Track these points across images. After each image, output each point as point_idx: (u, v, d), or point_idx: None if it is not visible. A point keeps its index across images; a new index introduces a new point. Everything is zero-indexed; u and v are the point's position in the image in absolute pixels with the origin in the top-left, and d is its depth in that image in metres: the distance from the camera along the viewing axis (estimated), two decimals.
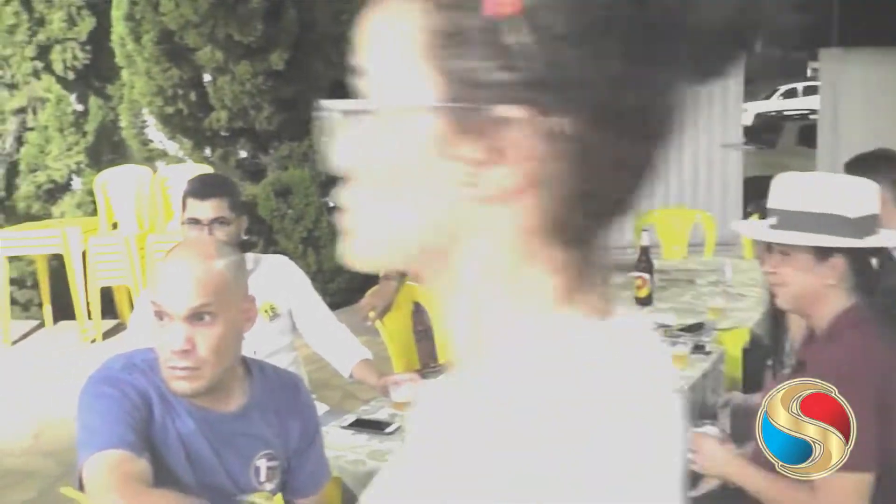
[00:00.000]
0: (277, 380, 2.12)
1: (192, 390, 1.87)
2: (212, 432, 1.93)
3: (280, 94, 7.09)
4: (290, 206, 7.13)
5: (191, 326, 1.83)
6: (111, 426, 1.79)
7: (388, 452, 2.65)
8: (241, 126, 7.31)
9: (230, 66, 6.90)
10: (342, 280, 7.05)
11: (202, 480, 1.90)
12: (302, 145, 7.32)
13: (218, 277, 1.86)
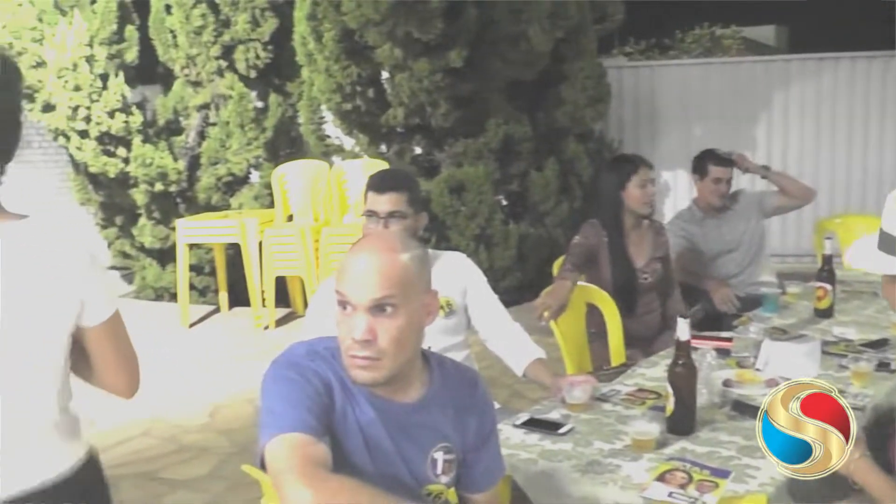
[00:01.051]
0: (456, 375, 2.10)
1: (371, 380, 1.86)
2: (391, 422, 1.92)
3: (456, 92, 7.11)
4: (463, 202, 7.14)
5: (373, 317, 1.83)
6: (293, 410, 1.80)
7: (560, 453, 2.60)
8: (417, 123, 7.37)
9: (408, 64, 6.96)
10: (513, 278, 7.03)
11: (379, 469, 1.90)
12: (477, 142, 7.32)
13: (402, 270, 1.86)
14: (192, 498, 4.46)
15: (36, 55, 8.22)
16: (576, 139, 7.95)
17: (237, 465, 4.74)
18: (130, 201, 8.48)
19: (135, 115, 8.17)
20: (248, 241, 7.32)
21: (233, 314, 8.04)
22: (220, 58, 8.19)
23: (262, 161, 8.26)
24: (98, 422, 5.57)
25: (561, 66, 7.70)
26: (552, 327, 3.97)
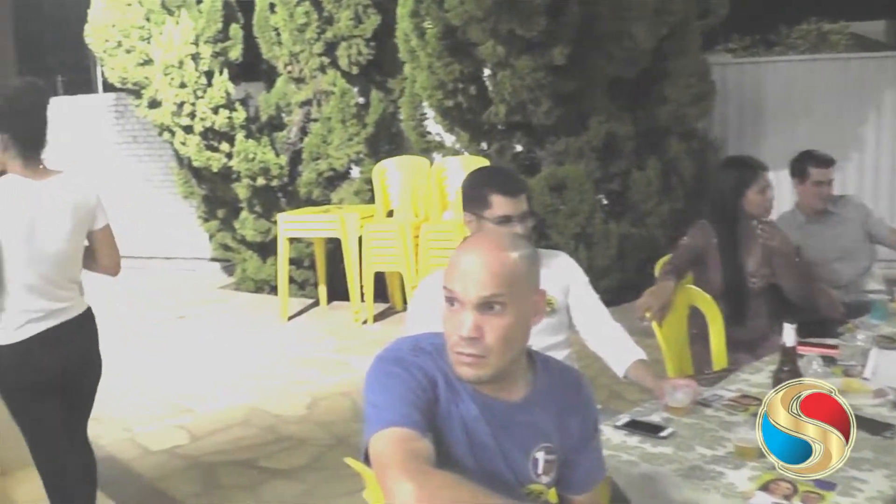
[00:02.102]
0: (560, 374, 2.08)
1: (476, 377, 1.86)
2: (494, 420, 1.92)
3: (559, 89, 7.05)
4: (563, 201, 7.09)
5: (480, 315, 1.83)
6: (398, 404, 1.80)
7: (661, 457, 2.56)
8: (519, 120, 7.34)
9: (511, 61, 6.93)
10: (612, 279, 6.96)
11: (481, 466, 1.89)
12: (578, 140, 7.26)
13: (511, 269, 1.85)
14: (289, 487, 4.52)
15: (143, 53, 8.44)
16: (678, 138, 7.82)
17: (334, 457, 4.80)
18: (232, 195, 8.63)
19: (238, 111, 8.32)
20: (348, 235, 7.38)
21: (331, 308, 8.12)
22: (323, 54, 8.27)
23: (362, 157, 8.33)
24: (197, 409, 5.71)
25: (664, 62, 7.58)
26: (654, 329, 3.92)
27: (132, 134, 11.79)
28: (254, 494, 4.47)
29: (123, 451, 5.12)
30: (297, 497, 4.38)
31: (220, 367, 6.61)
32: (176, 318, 8.28)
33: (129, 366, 6.80)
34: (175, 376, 6.46)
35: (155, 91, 8.42)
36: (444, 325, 1.88)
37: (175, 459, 4.95)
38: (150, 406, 5.83)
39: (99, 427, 5.49)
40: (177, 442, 5.20)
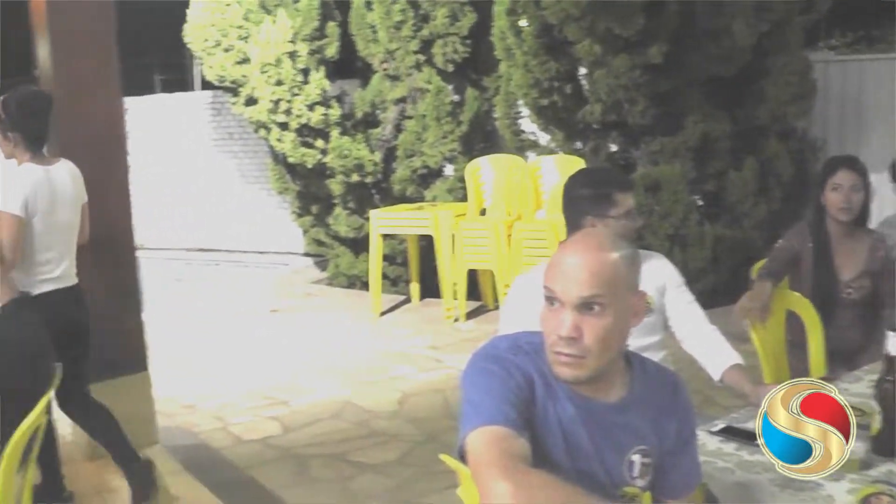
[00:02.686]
0: (658, 377, 2.06)
1: (574, 377, 1.85)
2: (590, 421, 1.90)
3: (655, 88, 6.97)
4: (658, 202, 7.01)
5: (579, 315, 1.82)
6: (495, 403, 1.80)
7: (757, 465, 2.51)
8: (614, 119, 7.27)
9: (607, 60, 6.87)
10: (707, 281, 6.86)
11: (577, 467, 1.88)
12: (674, 140, 7.16)
13: (611, 269, 1.83)
14: (380, 482, 4.55)
15: (241, 52, 8.58)
16: (776, 138, 7.66)
17: (425, 453, 4.82)
18: (327, 191, 8.72)
19: (333, 108, 8.41)
20: (442, 233, 7.40)
21: (423, 305, 8.15)
22: (419, 52, 8.31)
23: (456, 154, 8.34)
24: (290, 401, 5.78)
25: (763, 60, 7.43)
26: (751, 333, 3.84)
27: (228, 131, 12.00)
28: (343, 488, 4.51)
29: (216, 440, 5.21)
30: (386, 492, 4.41)
31: (313, 361, 6.68)
32: (269, 312, 8.39)
33: (222, 358, 6.93)
34: (268, 369, 6.55)
35: (252, 89, 8.55)
36: (542, 324, 1.88)
37: (267, 450, 5.02)
38: (243, 397, 5.93)
39: (193, 415, 5.63)
40: (269, 433, 5.27)
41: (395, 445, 4.99)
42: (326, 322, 7.84)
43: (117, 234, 4.77)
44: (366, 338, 7.24)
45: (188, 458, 4.71)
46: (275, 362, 6.71)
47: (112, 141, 4.76)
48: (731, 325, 3.72)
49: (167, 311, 8.72)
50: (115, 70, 4.76)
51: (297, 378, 6.28)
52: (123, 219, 4.80)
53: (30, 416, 2.79)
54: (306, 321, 7.93)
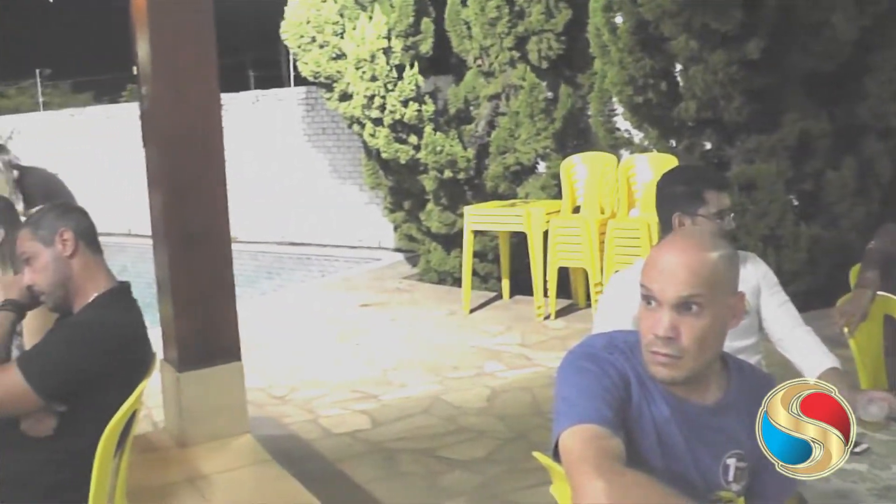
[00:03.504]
0: (755, 380, 2.02)
1: (670, 378, 1.82)
2: (685, 422, 1.88)
3: (752, 85, 6.83)
4: (753, 201, 6.87)
5: (677, 315, 1.80)
6: (590, 401, 1.78)
7: (854, 473, 2.44)
8: (709, 117, 7.15)
9: (704, 56, 6.76)
10: (802, 283, 6.70)
11: (670, 468, 1.85)
12: (770, 138, 7.01)
13: (711, 269, 1.81)
14: (468, 479, 4.54)
15: (336, 48, 8.66)
16: (877, 136, 7.43)
17: (513, 450, 4.80)
18: (419, 187, 8.75)
19: (427, 104, 8.43)
20: (534, 230, 7.36)
21: (514, 302, 8.13)
22: (513, 49, 8.29)
23: (549, 151, 8.29)
24: (380, 396, 5.82)
25: (865, 56, 7.22)
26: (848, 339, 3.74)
27: (321, 126, 12.13)
28: (432, 483, 4.51)
29: (306, 432, 5.26)
30: (474, 489, 4.40)
31: (403, 356, 6.71)
32: (359, 307, 8.45)
33: (313, 351, 7.00)
34: (358, 363, 6.60)
35: (346, 84, 8.63)
36: (639, 323, 1.86)
37: (356, 443, 5.06)
38: (333, 390, 5.98)
39: (284, 407, 5.70)
40: (358, 426, 5.31)
41: (483, 442, 4.98)
42: (416, 317, 7.87)
43: (213, 228, 4.85)
44: (455, 334, 7.24)
45: (277, 449, 4.76)
46: (365, 357, 6.76)
47: (209, 135, 4.83)
48: (828, 329, 3.63)
49: (259, 304, 8.85)
50: (213, 66, 4.84)
51: (387, 373, 6.31)
52: (219, 212, 4.87)
53: (128, 401, 2.86)
54: (396, 316, 7.97)
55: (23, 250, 2.98)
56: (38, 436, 2.82)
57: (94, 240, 3.05)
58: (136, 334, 3.03)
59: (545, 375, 5.95)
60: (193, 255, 4.79)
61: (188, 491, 4.29)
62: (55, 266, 2.94)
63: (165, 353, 4.87)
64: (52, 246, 2.94)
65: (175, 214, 4.77)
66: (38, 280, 2.96)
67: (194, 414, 4.79)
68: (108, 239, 3.24)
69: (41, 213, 3.07)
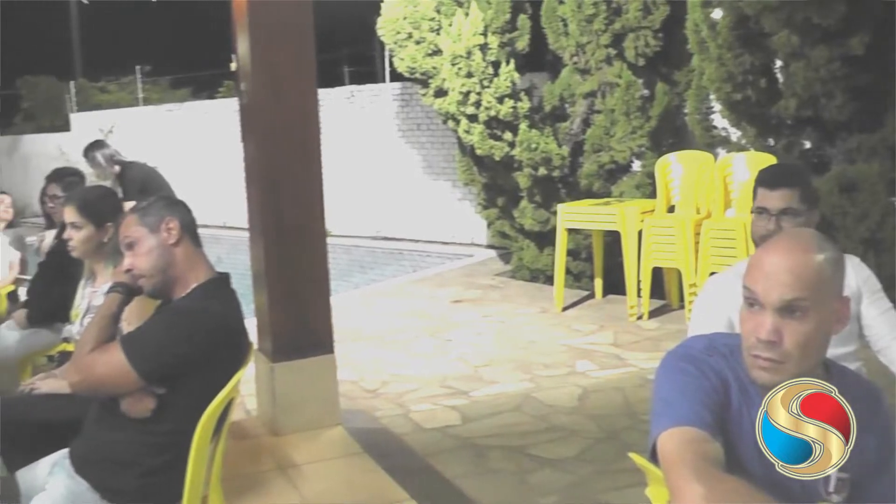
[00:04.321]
0: (858, 388, 1.96)
1: (772, 382, 1.79)
2: None
3: (855, 82, 6.65)
4: (853, 203, 6.69)
5: (780, 318, 1.76)
6: (689, 403, 1.76)
7: None
8: (809, 115, 6.99)
9: (805, 51, 6.61)
10: None
11: (769, 475, 1.81)
12: (872, 138, 6.82)
13: (816, 272, 1.77)
14: (559, 477, 4.52)
15: (432, 44, 8.69)
16: None
17: (604, 450, 4.77)
18: (513, 184, 8.73)
19: (523, 101, 8.41)
20: (628, 229, 7.30)
21: (606, 301, 8.07)
22: (610, 46, 8.22)
23: (644, 150, 8.21)
24: (472, 392, 5.83)
25: None
26: None
27: (416, 122, 12.18)
28: (522, 481, 4.50)
29: (397, 426, 5.29)
30: (565, 488, 4.38)
31: (494, 352, 6.71)
32: (451, 303, 8.47)
33: (404, 346, 7.04)
34: (449, 359, 6.62)
35: (442, 80, 8.65)
36: (741, 325, 1.82)
37: (446, 439, 5.07)
38: (424, 385, 6.00)
39: (375, 400, 5.75)
40: (449, 422, 5.32)
41: (574, 441, 4.95)
42: (508, 315, 7.86)
43: (309, 221, 4.92)
44: (547, 332, 7.21)
45: (368, 442, 4.80)
46: (456, 352, 6.77)
47: (307, 131, 4.90)
48: None
49: (351, 298, 8.93)
50: (311, 62, 4.90)
51: (478, 369, 6.32)
52: (315, 206, 4.94)
53: (225, 388, 2.92)
54: (488, 313, 7.97)
55: (126, 234, 3.09)
56: (137, 416, 2.92)
57: (195, 233, 3.16)
58: (234, 323, 3.10)
59: (637, 376, 5.90)
60: (289, 248, 4.86)
61: (279, 479, 4.37)
62: (158, 252, 3.04)
63: (260, 344, 4.96)
64: (157, 233, 3.05)
65: (272, 208, 4.85)
66: (138, 264, 3.06)
67: (287, 404, 4.87)
68: (203, 230, 3.28)
69: (149, 203, 3.20)
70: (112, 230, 3.87)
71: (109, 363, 2.87)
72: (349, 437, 4.84)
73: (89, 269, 4.05)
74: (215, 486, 3.24)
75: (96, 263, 3.98)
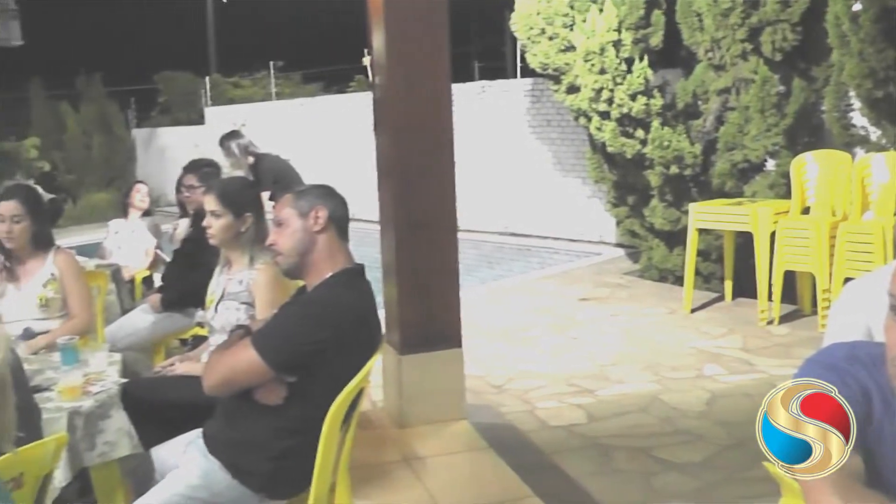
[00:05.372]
0: None
1: None
2: None
3: None
4: None
5: None
6: None
7: None
8: None
9: None
10: None
11: None
12: None
13: None
14: (683, 482, 4.47)
15: (565, 40, 8.66)
16: None
17: (732, 457, 4.69)
18: (644, 182, 8.64)
19: (655, 98, 8.31)
20: (760, 231, 7.13)
21: (735, 304, 7.91)
22: (746, 40, 8.03)
23: (779, 149, 8.01)
24: (598, 391, 5.80)
25: None
26: None
27: (546, 118, 12.15)
28: (646, 483, 4.47)
29: (523, 422, 5.31)
30: (690, 493, 4.33)
31: (621, 352, 6.66)
32: (579, 301, 8.43)
33: (531, 342, 7.04)
34: (576, 357, 6.59)
35: (574, 77, 8.61)
36: (885, 335, 1.75)
37: (572, 437, 5.06)
38: (550, 383, 6.00)
39: (500, 396, 5.77)
40: (574, 420, 5.31)
41: (701, 446, 4.88)
42: (636, 314, 7.78)
43: (440, 215, 4.96)
44: (675, 333, 7.12)
45: (494, 437, 4.82)
46: (583, 351, 6.74)
47: (440, 125, 4.94)
48: None
49: (479, 293, 8.96)
50: (445, 57, 4.93)
51: (604, 368, 6.28)
52: (447, 200, 4.97)
53: (356, 377, 2.98)
54: (616, 312, 7.91)
55: (278, 212, 3.21)
56: (270, 404, 3.00)
57: (344, 227, 3.26)
58: (366, 314, 3.16)
59: (767, 383, 5.77)
60: (420, 242, 4.91)
61: (403, 471, 4.42)
62: (301, 236, 3.16)
63: (388, 336, 5.01)
64: (304, 218, 3.17)
65: (403, 201, 4.91)
66: (280, 242, 3.19)
67: (413, 396, 4.92)
68: None
69: (307, 188, 3.35)
70: (250, 220, 3.99)
71: (242, 361, 2.97)
72: (474, 431, 4.87)
73: (225, 257, 4.15)
74: (343, 474, 3.30)
75: (232, 251, 4.09)
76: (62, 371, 3.71)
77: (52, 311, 4.51)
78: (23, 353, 3.80)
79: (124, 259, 7.29)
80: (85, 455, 3.40)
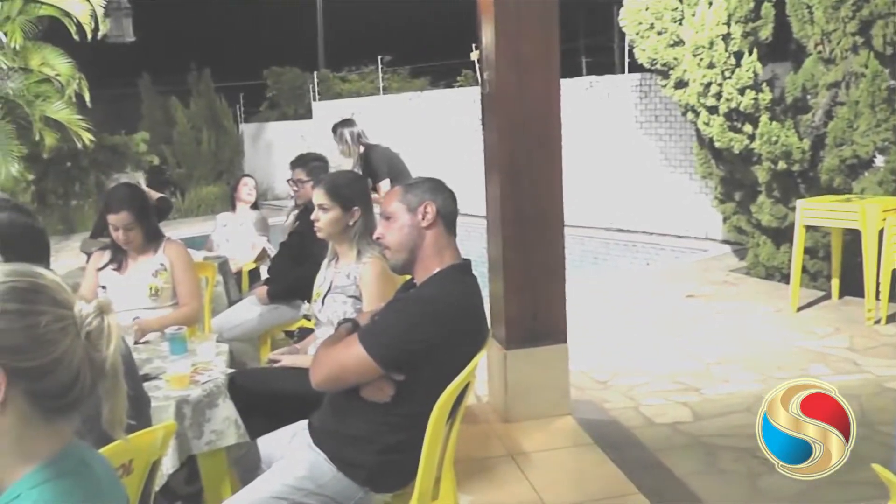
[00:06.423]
0: None
1: None
2: None
3: None
4: None
5: None
6: None
7: None
8: None
9: None
10: None
11: None
12: None
13: None
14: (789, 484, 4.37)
15: (674, 34, 8.62)
16: None
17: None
18: (751, 178, 8.55)
19: (764, 92, 8.22)
20: (869, 228, 7.01)
21: (843, 303, 7.79)
22: (857, 34, 7.89)
23: (889, 144, 7.84)
24: (703, 389, 5.78)
25: None
26: None
27: (654, 113, 12.07)
28: (751, 484, 4.45)
29: (627, 419, 5.33)
30: (795, 495, 4.28)
31: (727, 350, 6.62)
32: (684, 297, 8.39)
33: (636, 338, 7.04)
34: (681, 354, 6.58)
35: (683, 71, 8.56)
36: None
37: (677, 435, 5.06)
38: (655, 380, 6.00)
39: (605, 392, 5.80)
40: (679, 418, 5.31)
41: None
42: (742, 312, 7.72)
43: (548, 211, 4.99)
44: (781, 332, 7.05)
45: (598, 433, 4.85)
46: (688, 348, 6.72)
47: (548, 121, 4.96)
48: None
49: (585, 288, 8.97)
50: (555, 53, 4.96)
51: (710, 367, 6.26)
52: (555, 196, 5.00)
53: (463, 372, 3.02)
54: (722, 309, 7.85)
55: (387, 205, 3.22)
56: (378, 401, 3.04)
57: (452, 222, 3.24)
58: (473, 309, 3.18)
59: (874, 384, 5.69)
60: (527, 238, 4.95)
61: (508, 466, 4.47)
62: (409, 231, 3.15)
63: (493, 331, 5.05)
64: (413, 213, 3.16)
65: (511, 197, 4.95)
66: (388, 237, 3.19)
67: (518, 391, 4.97)
68: None
69: (416, 182, 3.31)
70: (358, 214, 4.03)
71: (351, 358, 2.98)
72: (579, 427, 4.90)
73: (333, 251, 4.19)
74: (448, 469, 3.33)
75: (340, 245, 4.11)
76: (170, 360, 3.82)
77: (162, 301, 4.61)
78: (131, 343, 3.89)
79: (231, 252, 7.39)
80: (193, 443, 3.48)
